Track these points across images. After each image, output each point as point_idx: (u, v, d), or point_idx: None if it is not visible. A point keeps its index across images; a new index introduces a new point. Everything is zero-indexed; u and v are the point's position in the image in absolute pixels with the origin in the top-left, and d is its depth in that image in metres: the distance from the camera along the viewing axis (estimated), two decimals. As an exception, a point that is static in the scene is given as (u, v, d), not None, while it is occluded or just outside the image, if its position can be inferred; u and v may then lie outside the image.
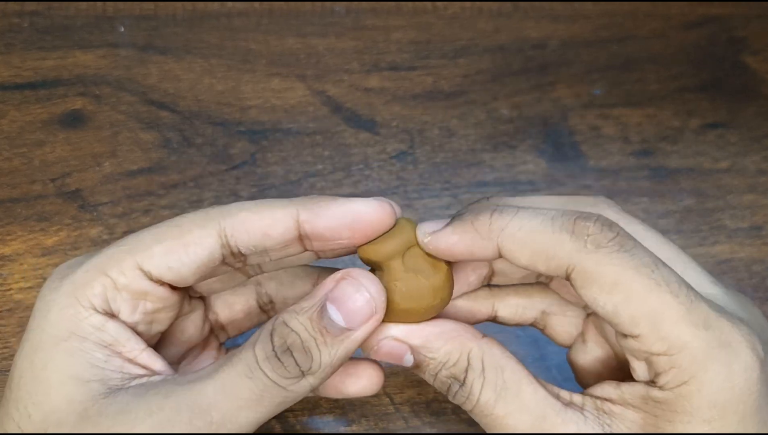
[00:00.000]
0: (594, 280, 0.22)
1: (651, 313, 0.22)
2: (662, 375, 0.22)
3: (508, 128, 0.42)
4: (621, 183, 0.41)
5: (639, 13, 0.47)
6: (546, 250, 0.23)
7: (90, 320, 0.23)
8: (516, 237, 0.23)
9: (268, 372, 0.22)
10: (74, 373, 0.23)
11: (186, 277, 0.24)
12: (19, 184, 0.38)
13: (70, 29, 0.43)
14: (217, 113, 0.41)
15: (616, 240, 0.22)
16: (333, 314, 0.23)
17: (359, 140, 0.41)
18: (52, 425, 0.22)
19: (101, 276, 0.24)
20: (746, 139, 0.43)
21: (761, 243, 0.39)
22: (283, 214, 0.24)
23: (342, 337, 0.23)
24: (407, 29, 0.45)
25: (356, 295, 0.23)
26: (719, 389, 0.21)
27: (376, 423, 0.33)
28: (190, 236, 0.24)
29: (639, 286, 0.22)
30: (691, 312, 0.22)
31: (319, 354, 0.23)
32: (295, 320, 0.23)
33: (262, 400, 0.22)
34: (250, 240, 0.24)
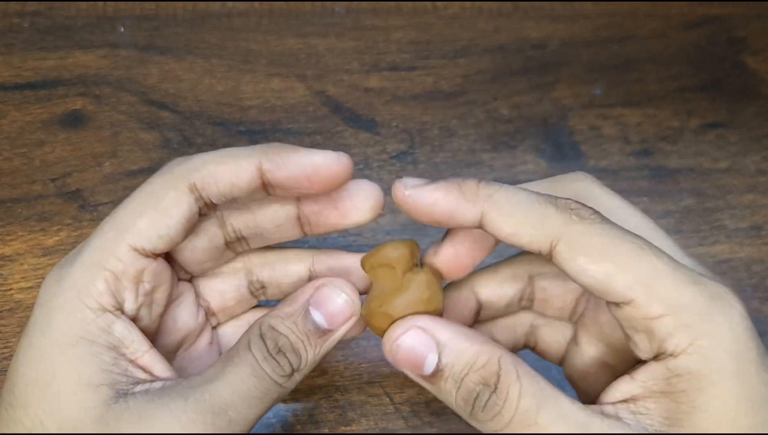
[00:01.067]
0: (581, 249, 0.22)
1: (642, 277, 0.22)
2: (669, 339, 0.22)
3: (508, 128, 0.42)
4: (621, 183, 0.41)
5: (639, 13, 0.47)
6: (531, 220, 0.23)
7: (97, 322, 0.24)
8: (502, 205, 0.23)
9: (269, 371, 0.24)
10: (86, 379, 0.23)
11: (175, 238, 0.25)
12: (19, 184, 0.38)
13: (71, 29, 0.43)
14: (218, 113, 0.41)
15: (597, 214, 0.23)
16: (316, 317, 0.25)
17: (359, 140, 0.41)
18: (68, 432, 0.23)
19: (101, 271, 0.24)
20: (746, 139, 0.43)
21: (761, 243, 0.39)
22: (247, 163, 0.25)
23: (324, 337, 0.25)
24: (407, 29, 0.45)
25: (337, 298, 0.25)
26: (731, 340, 0.21)
27: (376, 423, 0.33)
28: (166, 201, 0.25)
29: (626, 252, 0.22)
30: (677, 271, 0.22)
31: (306, 353, 0.25)
32: (283, 325, 0.25)
33: (265, 397, 0.24)
34: (220, 191, 0.25)
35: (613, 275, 0.22)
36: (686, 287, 0.22)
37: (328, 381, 0.34)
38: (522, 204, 0.23)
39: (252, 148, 0.25)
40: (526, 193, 0.23)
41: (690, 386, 0.21)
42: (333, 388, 0.34)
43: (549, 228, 0.23)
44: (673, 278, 0.22)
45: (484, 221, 0.23)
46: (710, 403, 0.21)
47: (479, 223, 0.24)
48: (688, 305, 0.22)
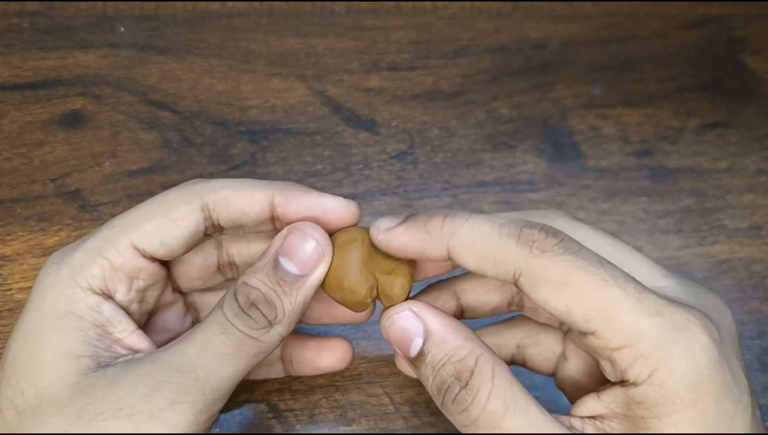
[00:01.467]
0: (542, 282, 0.23)
1: (602, 308, 0.22)
2: (629, 369, 0.22)
3: (507, 128, 0.42)
4: (620, 183, 0.41)
5: (639, 13, 0.47)
6: (493, 255, 0.23)
7: (86, 300, 0.25)
8: (465, 241, 0.24)
9: (239, 326, 0.24)
10: (68, 349, 0.24)
11: (176, 249, 0.26)
12: (19, 184, 0.38)
13: (71, 29, 0.43)
14: (217, 113, 0.41)
15: (560, 244, 0.23)
16: (286, 265, 0.25)
17: (359, 140, 0.41)
18: (44, 400, 0.23)
19: (99, 258, 0.25)
20: (746, 139, 0.43)
21: (761, 243, 0.39)
22: (261, 195, 0.26)
23: (298, 284, 0.25)
24: (407, 29, 0.45)
25: (304, 243, 0.25)
26: (688, 370, 0.22)
27: (376, 423, 0.33)
28: (177, 212, 0.26)
29: (586, 283, 0.22)
30: (641, 302, 0.22)
31: (281, 303, 0.25)
32: (254, 278, 0.25)
33: (239, 353, 0.24)
34: (230, 216, 0.26)
35: (573, 307, 0.22)
36: (647, 318, 0.22)
37: (328, 381, 0.34)
38: (484, 238, 0.24)
39: (268, 182, 0.27)
40: (491, 224, 0.24)
41: (648, 413, 0.22)
42: (333, 388, 0.34)
43: (510, 262, 0.23)
44: (634, 309, 0.22)
45: (451, 256, 0.24)
46: (666, 431, 0.22)
47: (448, 257, 0.25)
48: (646, 337, 0.22)
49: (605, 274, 0.22)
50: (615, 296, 0.22)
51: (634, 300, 0.22)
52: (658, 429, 0.22)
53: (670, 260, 0.38)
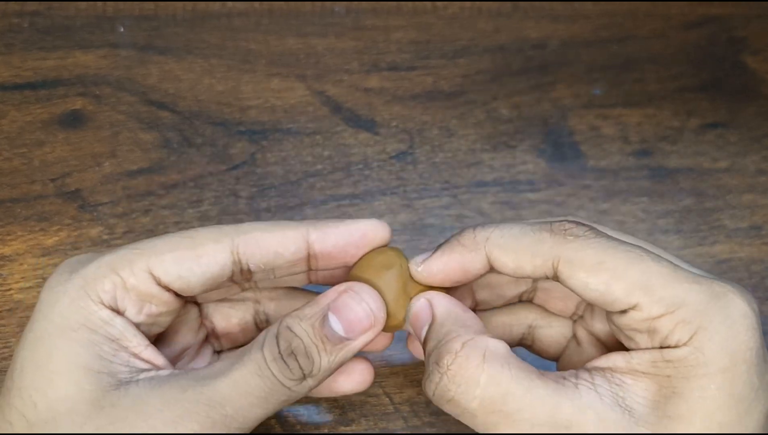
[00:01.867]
0: (579, 265, 0.23)
1: (641, 281, 0.23)
2: (670, 335, 0.22)
3: (507, 128, 0.42)
4: (620, 183, 0.41)
5: (639, 13, 0.47)
6: (530, 249, 0.24)
7: (100, 314, 0.24)
8: (501, 243, 0.24)
9: (276, 372, 0.24)
10: (83, 363, 0.23)
11: (193, 287, 0.25)
12: (19, 184, 0.38)
13: (71, 29, 0.43)
14: (217, 113, 0.41)
15: (591, 230, 0.24)
16: (334, 324, 0.24)
17: (359, 140, 0.41)
18: (60, 414, 0.23)
19: (112, 274, 0.25)
20: (746, 139, 0.43)
21: (761, 243, 0.39)
22: (295, 233, 0.26)
23: (341, 345, 0.25)
24: (407, 29, 0.45)
25: (357, 307, 0.25)
26: (727, 337, 0.22)
27: (375, 423, 0.33)
28: (203, 248, 0.25)
29: (622, 260, 0.23)
30: (677, 273, 0.23)
31: (320, 359, 0.24)
32: (299, 326, 0.24)
33: (269, 398, 0.24)
34: (262, 258, 0.26)
35: (612, 284, 0.23)
36: (686, 286, 0.22)
37: (327, 381, 0.34)
38: (517, 237, 0.24)
39: (300, 222, 0.26)
40: (520, 225, 0.25)
41: (677, 373, 0.22)
42: (333, 388, 0.34)
43: (547, 252, 0.24)
44: (673, 278, 0.22)
45: (491, 263, 0.25)
46: (691, 393, 0.22)
47: (489, 266, 0.25)
48: (687, 303, 0.22)
49: (639, 251, 0.23)
50: (652, 269, 0.23)
51: (671, 271, 0.23)
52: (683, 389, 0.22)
53: (669, 260, 0.38)
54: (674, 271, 0.23)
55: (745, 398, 0.22)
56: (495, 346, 0.24)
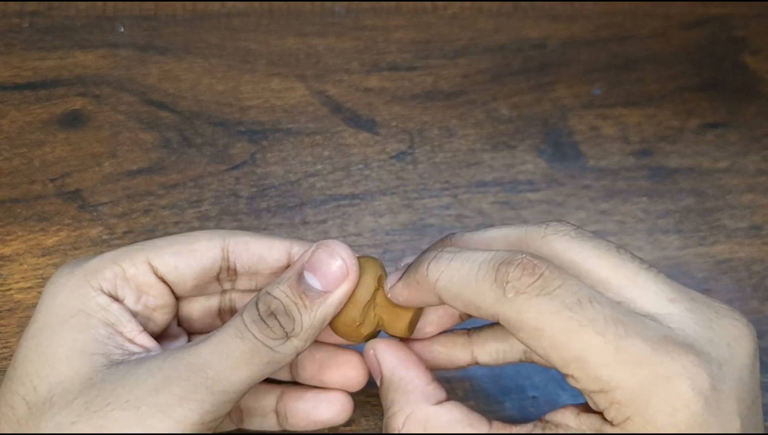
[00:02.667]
0: (518, 327, 0.23)
1: (578, 356, 0.22)
2: (606, 411, 0.22)
3: (507, 128, 0.42)
4: (620, 183, 0.41)
5: (639, 13, 0.47)
6: (473, 300, 0.23)
7: (97, 299, 0.26)
8: (447, 288, 0.24)
9: (256, 333, 0.25)
10: (80, 347, 0.24)
11: (187, 279, 0.27)
12: (19, 184, 0.38)
13: (70, 29, 0.43)
14: (217, 113, 0.41)
15: (536, 284, 0.22)
16: (310, 280, 0.25)
17: (359, 140, 0.41)
18: (57, 395, 0.24)
19: (113, 265, 0.26)
20: (746, 139, 0.43)
21: (761, 242, 0.39)
22: (280, 244, 0.28)
23: (320, 299, 0.25)
24: (407, 29, 0.45)
25: (330, 260, 0.26)
26: (663, 425, 0.21)
27: (375, 423, 0.33)
28: (197, 244, 0.27)
29: (561, 330, 0.22)
30: (620, 350, 0.21)
31: (300, 316, 0.25)
32: (277, 289, 0.25)
33: (252, 359, 0.24)
34: (248, 260, 0.28)
35: (549, 352, 0.22)
36: (624, 369, 0.21)
37: (327, 381, 0.34)
38: (463, 282, 0.24)
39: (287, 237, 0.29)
40: (470, 265, 0.24)
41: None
42: (333, 388, 0.34)
43: (488, 307, 0.23)
44: (612, 358, 0.21)
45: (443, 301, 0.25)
46: None
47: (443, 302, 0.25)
48: (623, 387, 0.21)
49: (582, 319, 0.22)
50: (591, 344, 0.21)
51: (613, 348, 0.21)
52: None
53: (669, 260, 0.38)
54: (617, 347, 0.21)
55: None
56: (437, 415, 0.25)
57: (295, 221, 0.38)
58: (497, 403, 0.33)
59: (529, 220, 0.39)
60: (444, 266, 0.24)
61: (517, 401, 0.33)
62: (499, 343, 0.29)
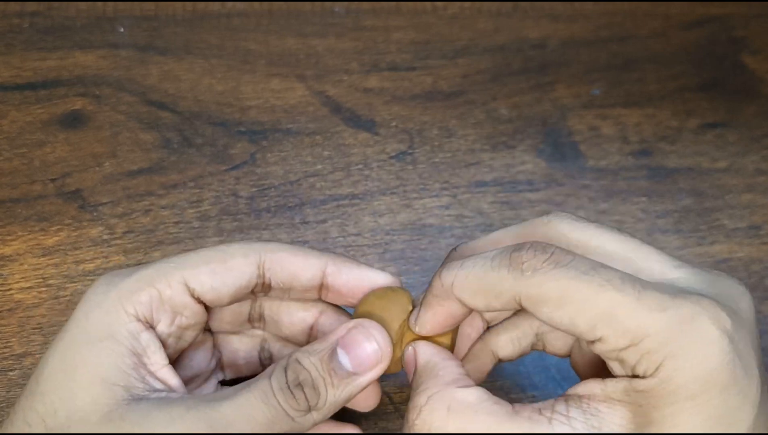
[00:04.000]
0: (542, 300, 0.23)
1: (604, 314, 0.22)
2: (637, 366, 0.22)
3: (507, 128, 0.42)
4: (620, 183, 0.41)
5: (639, 13, 0.47)
6: (493, 290, 0.24)
7: (128, 326, 0.25)
8: (466, 286, 0.24)
9: (281, 401, 0.24)
10: (103, 374, 0.24)
11: (224, 297, 0.27)
12: (19, 184, 0.38)
13: (71, 30, 0.43)
14: (217, 113, 0.41)
15: (551, 259, 0.23)
16: (342, 358, 0.25)
17: (359, 140, 0.41)
18: (74, 423, 0.24)
19: (149, 287, 0.26)
20: (745, 139, 0.43)
21: (760, 242, 0.39)
22: (316, 261, 0.28)
23: (348, 380, 0.25)
24: (407, 29, 0.45)
25: (365, 343, 0.26)
26: (693, 365, 0.22)
27: (375, 422, 0.33)
28: (233, 262, 0.27)
29: (584, 293, 0.22)
30: (641, 300, 0.22)
31: (326, 393, 0.25)
32: (308, 359, 0.25)
33: (272, 426, 0.24)
34: (283, 277, 0.28)
35: (575, 318, 0.23)
36: (649, 315, 0.22)
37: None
38: (479, 277, 0.24)
39: (322, 253, 0.28)
40: (482, 262, 0.24)
41: (648, 403, 0.22)
42: (332, 387, 0.34)
43: (508, 290, 0.23)
44: (636, 308, 0.22)
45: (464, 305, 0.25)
46: (664, 421, 0.22)
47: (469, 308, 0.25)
48: (651, 333, 0.22)
49: (601, 280, 0.22)
50: (614, 299, 0.22)
51: (634, 299, 0.22)
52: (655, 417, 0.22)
53: (669, 260, 0.38)
54: (638, 298, 0.22)
55: (724, 418, 0.22)
56: (462, 396, 0.24)
57: (295, 221, 0.38)
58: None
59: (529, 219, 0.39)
60: (456, 269, 0.25)
61: (517, 401, 0.33)
62: (510, 332, 0.30)
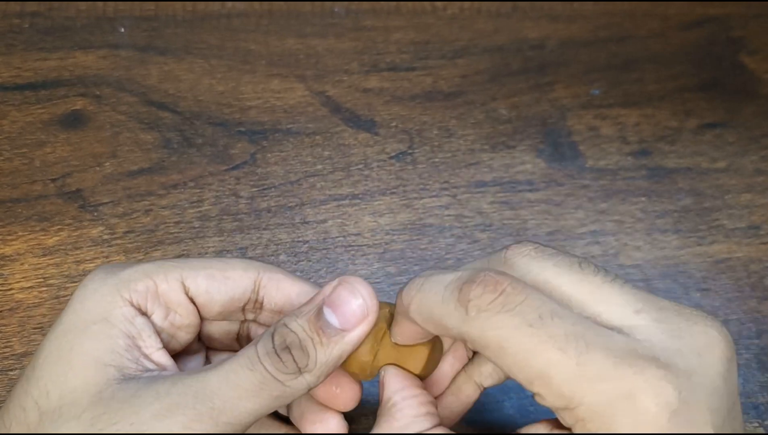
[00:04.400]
0: (483, 345, 0.22)
1: (541, 373, 0.21)
2: (573, 427, 0.22)
3: (506, 128, 0.42)
4: (619, 183, 0.41)
5: (638, 13, 0.48)
6: (441, 322, 0.23)
7: (123, 310, 0.26)
8: (418, 312, 0.24)
9: (268, 366, 0.24)
10: (96, 356, 0.24)
11: (215, 304, 0.27)
12: (19, 184, 0.38)
13: (71, 30, 0.43)
14: (218, 113, 0.41)
15: (498, 300, 0.22)
16: (329, 317, 0.25)
17: (359, 140, 0.41)
18: (66, 405, 0.24)
19: (147, 278, 0.26)
20: (744, 139, 0.43)
21: (759, 242, 0.39)
22: (311, 290, 0.28)
23: (337, 338, 0.25)
24: (406, 30, 0.45)
25: (351, 298, 0.25)
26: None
27: (375, 422, 0.33)
28: (232, 272, 0.27)
29: (523, 347, 0.22)
30: (581, 366, 0.21)
31: (315, 353, 0.25)
32: (294, 322, 0.25)
33: (261, 392, 0.24)
34: (277, 298, 0.28)
35: (514, 371, 0.22)
36: (586, 385, 0.21)
37: (327, 380, 0.34)
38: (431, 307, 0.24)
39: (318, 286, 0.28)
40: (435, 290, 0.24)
41: None
42: (332, 387, 0.34)
43: (454, 328, 0.23)
44: (573, 374, 0.21)
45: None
46: None
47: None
48: (588, 403, 0.21)
49: (543, 335, 0.21)
50: (553, 361, 0.21)
51: (575, 364, 0.21)
52: None
53: (668, 260, 0.38)
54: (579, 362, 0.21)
55: None
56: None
57: (295, 221, 0.38)
58: (496, 403, 0.34)
59: (528, 220, 0.39)
60: (414, 291, 0.24)
61: (517, 401, 0.34)
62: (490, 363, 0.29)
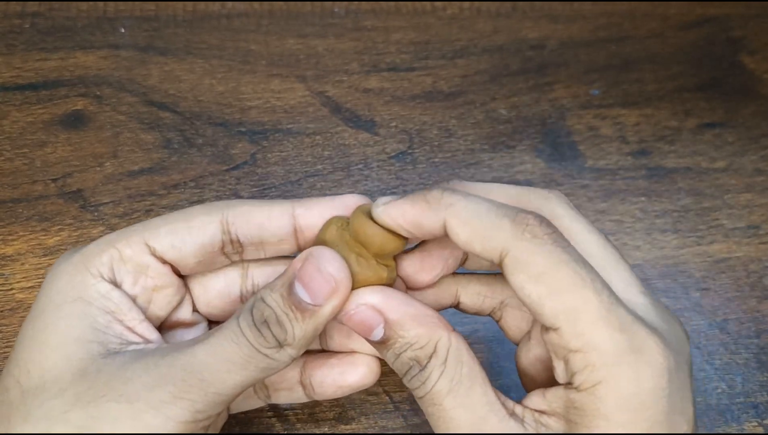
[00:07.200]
0: (523, 267, 0.23)
1: (571, 309, 0.22)
2: (577, 374, 0.23)
3: (506, 128, 0.42)
4: (618, 183, 0.41)
5: (637, 14, 0.48)
6: (485, 231, 0.23)
7: (97, 287, 0.25)
8: (461, 214, 0.24)
9: (251, 340, 0.24)
10: (75, 334, 0.25)
11: (187, 257, 0.27)
12: (20, 184, 0.38)
13: (72, 30, 0.43)
14: (218, 114, 0.41)
15: (552, 235, 0.23)
16: (300, 292, 0.25)
17: (359, 140, 0.41)
18: (48, 381, 0.24)
19: (109, 248, 0.26)
20: (744, 139, 0.43)
21: (758, 242, 0.40)
22: (280, 209, 0.27)
23: (310, 312, 0.25)
24: (406, 30, 0.45)
25: (318, 274, 0.25)
26: (629, 393, 0.22)
27: (375, 421, 0.33)
28: (194, 220, 0.27)
29: (563, 279, 0.22)
30: (609, 312, 0.22)
31: (292, 327, 0.24)
32: (270, 297, 0.25)
33: (247, 365, 0.24)
34: (249, 230, 0.27)
35: (544, 299, 0.23)
36: (609, 331, 0.22)
37: (327, 380, 0.34)
38: (479, 214, 0.24)
39: (286, 200, 0.28)
40: (488, 204, 0.24)
41: (581, 421, 0.23)
42: (333, 386, 0.34)
43: (500, 240, 0.23)
44: (601, 318, 0.22)
45: (446, 229, 0.24)
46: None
47: (442, 231, 0.25)
48: (603, 349, 0.22)
49: (585, 275, 0.22)
50: (588, 299, 0.22)
51: (605, 309, 0.22)
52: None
53: (667, 260, 0.38)
54: (609, 309, 0.22)
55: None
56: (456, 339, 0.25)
57: (295, 221, 0.38)
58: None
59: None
60: (461, 197, 0.24)
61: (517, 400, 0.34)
62: (482, 286, 0.29)
